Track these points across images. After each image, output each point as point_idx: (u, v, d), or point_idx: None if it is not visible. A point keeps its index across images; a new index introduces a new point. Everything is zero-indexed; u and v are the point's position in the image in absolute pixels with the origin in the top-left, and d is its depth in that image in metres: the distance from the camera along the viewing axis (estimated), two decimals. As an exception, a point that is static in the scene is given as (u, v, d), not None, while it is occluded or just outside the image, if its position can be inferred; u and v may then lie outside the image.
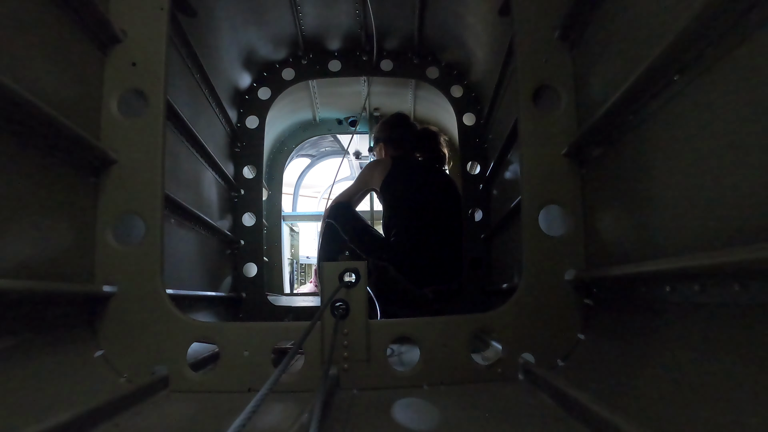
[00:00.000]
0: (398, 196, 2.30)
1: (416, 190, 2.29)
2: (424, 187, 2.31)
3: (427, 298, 2.14)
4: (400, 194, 2.30)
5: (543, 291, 1.14)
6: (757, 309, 0.58)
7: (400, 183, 2.31)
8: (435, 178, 2.38)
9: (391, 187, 2.31)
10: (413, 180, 2.32)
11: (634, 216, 0.93)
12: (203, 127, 1.78)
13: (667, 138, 0.80)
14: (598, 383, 0.89)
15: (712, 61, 0.67)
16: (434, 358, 1.10)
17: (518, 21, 1.24)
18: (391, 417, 0.88)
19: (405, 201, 2.29)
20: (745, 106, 0.61)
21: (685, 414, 0.63)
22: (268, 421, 0.85)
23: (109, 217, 1.12)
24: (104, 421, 0.79)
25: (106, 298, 1.09)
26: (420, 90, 2.73)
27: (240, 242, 2.22)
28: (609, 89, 0.98)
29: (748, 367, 0.58)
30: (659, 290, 0.79)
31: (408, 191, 2.29)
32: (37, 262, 0.90)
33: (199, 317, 1.47)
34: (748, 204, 0.60)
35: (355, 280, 1.12)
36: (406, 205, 2.28)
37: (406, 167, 2.37)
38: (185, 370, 1.08)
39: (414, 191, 2.29)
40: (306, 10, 2.03)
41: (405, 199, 2.29)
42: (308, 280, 5.17)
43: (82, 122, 1.04)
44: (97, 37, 1.13)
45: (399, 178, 2.31)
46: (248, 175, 2.31)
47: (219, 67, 1.98)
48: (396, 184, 2.31)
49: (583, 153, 1.15)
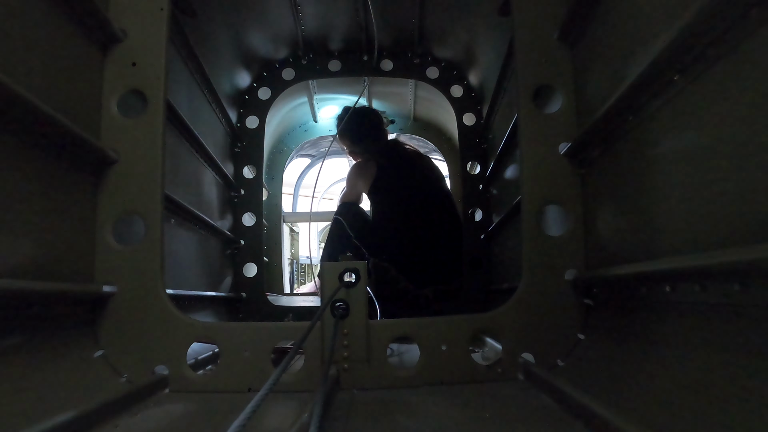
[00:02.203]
0: (389, 200, 2.33)
1: (405, 190, 2.32)
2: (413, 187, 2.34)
3: (427, 298, 2.15)
4: (391, 198, 2.33)
5: (543, 291, 1.14)
6: (757, 309, 0.58)
7: (388, 186, 2.34)
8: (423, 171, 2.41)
9: (381, 191, 2.35)
10: (401, 182, 2.35)
11: (634, 216, 0.93)
12: (203, 127, 1.77)
13: (667, 138, 0.80)
14: (598, 383, 0.89)
15: (712, 61, 0.67)
16: (434, 358, 1.10)
17: (518, 21, 1.24)
18: (391, 417, 0.88)
19: (396, 203, 2.31)
20: (745, 106, 0.61)
21: (685, 414, 0.63)
22: (268, 421, 0.85)
23: (109, 217, 1.12)
24: (104, 421, 0.79)
25: (106, 298, 1.09)
26: (420, 90, 2.73)
27: (240, 242, 2.22)
28: (609, 89, 0.98)
29: (748, 367, 0.58)
30: (659, 290, 0.79)
31: (398, 193, 2.32)
32: (37, 262, 0.90)
33: (199, 317, 1.47)
34: (748, 204, 0.60)
35: (355, 280, 1.12)
36: (399, 207, 2.30)
37: (392, 167, 2.39)
38: (185, 370, 1.08)
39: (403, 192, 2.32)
40: (306, 10, 2.03)
41: (396, 202, 2.31)
42: (308, 280, 5.15)
43: (82, 122, 1.04)
44: (97, 37, 1.13)
45: (387, 181, 2.34)
46: (248, 175, 2.31)
47: (219, 67, 1.98)
48: (385, 188, 2.34)
49: (583, 153, 1.15)
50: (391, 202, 2.34)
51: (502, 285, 1.80)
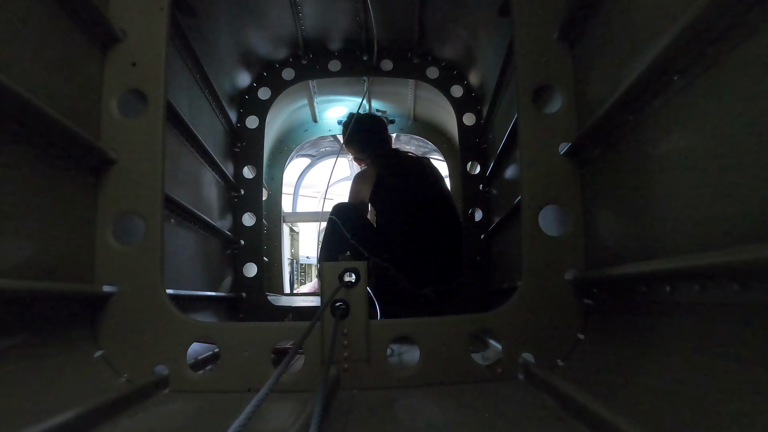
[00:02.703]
0: (390, 203, 2.34)
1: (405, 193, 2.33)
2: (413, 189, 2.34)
3: (427, 298, 2.15)
4: (392, 200, 2.34)
5: (543, 291, 1.14)
6: (757, 309, 0.58)
7: (388, 190, 2.35)
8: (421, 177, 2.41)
9: (381, 195, 2.35)
10: (400, 185, 2.36)
11: (634, 216, 0.93)
12: (203, 127, 1.77)
13: (667, 138, 0.80)
14: (598, 383, 0.89)
15: (712, 61, 0.67)
16: (434, 358, 1.10)
17: (518, 21, 1.24)
18: (391, 417, 0.88)
19: (396, 206, 2.32)
20: (745, 105, 0.61)
21: (684, 414, 0.63)
22: (268, 421, 0.85)
23: (109, 217, 1.12)
24: (104, 421, 0.79)
25: (106, 298, 1.09)
26: (420, 90, 2.73)
27: (240, 242, 2.22)
28: (609, 89, 0.98)
29: (748, 367, 0.58)
30: (659, 290, 0.79)
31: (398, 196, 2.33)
32: (37, 262, 0.90)
33: (199, 317, 1.47)
34: (748, 204, 0.60)
35: (355, 280, 1.12)
36: (399, 209, 2.31)
37: (391, 175, 2.41)
38: (185, 370, 1.08)
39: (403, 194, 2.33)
40: (306, 10, 2.03)
41: (396, 204, 2.32)
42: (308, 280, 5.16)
43: (82, 122, 1.04)
44: (97, 37, 1.13)
45: (386, 185, 2.36)
46: (248, 175, 2.31)
47: (219, 67, 1.98)
48: (385, 192, 2.35)
49: (583, 153, 1.15)
50: (392, 204, 2.35)
51: (502, 285, 1.80)
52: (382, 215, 2.41)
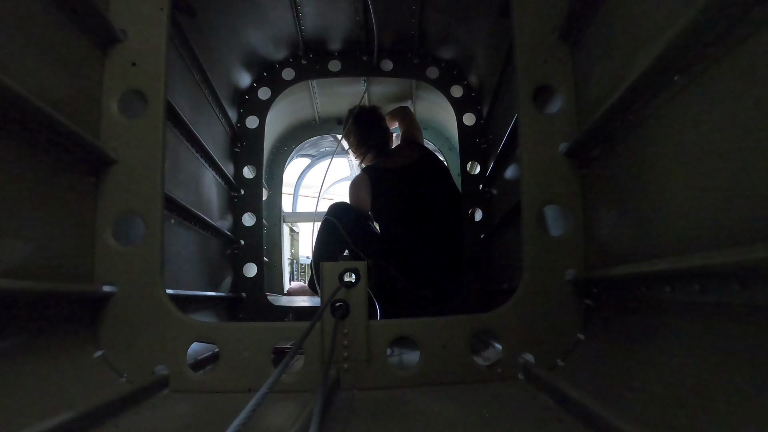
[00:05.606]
0: (389, 204, 2.34)
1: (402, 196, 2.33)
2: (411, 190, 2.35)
3: (427, 298, 2.15)
4: (391, 200, 2.33)
5: (543, 291, 1.14)
6: (757, 309, 0.58)
7: (384, 194, 2.35)
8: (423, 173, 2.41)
9: (378, 201, 2.35)
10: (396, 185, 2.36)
11: (634, 216, 0.93)
12: (203, 127, 1.77)
13: (667, 138, 0.80)
14: (598, 383, 0.89)
15: (712, 61, 0.67)
16: (434, 358, 1.10)
17: (518, 21, 1.24)
18: (391, 417, 0.88)
19: (395, 206, 2.31)
20: (745, 105, 0.61)
21: (684, 414, 0.63)
22: (268, 421, 0.85)
23: (109, 217, 1.12)
24: (104, 421, 0.79)
25: (106, 298, 1.09)
26: (420, 90, 2.73)
27: (240, 242, 2.22)
28: (609, 89, 0.98)
29: (748, 368, 0.58)
30: (659, 290, 0.79)
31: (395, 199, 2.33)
32: (37, 262, 0.90)
33: (199, 317, 1.47)
34: (748, 204, 0.60)
35: (355, 280, 1.12)
36: (399, 209, 2.30)
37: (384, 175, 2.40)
38: (185, 370, 1.08)
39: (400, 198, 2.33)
40: (306, 10, 2.03)
41: (395, 204, 2.32)
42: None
43: (82, 122, 1.04)
44: (97, 37, 1.13)
45: (381, 190, 2.36)
46: (248, 175, 2.31)
47: (219, 67, 1.98)
48: (381, 198, 2.35)
49: (583, 153, 1.15)
50: (390, 203, 2.35)
51: (502, 285, 1.80)
52: (381, 215, 2.40)
